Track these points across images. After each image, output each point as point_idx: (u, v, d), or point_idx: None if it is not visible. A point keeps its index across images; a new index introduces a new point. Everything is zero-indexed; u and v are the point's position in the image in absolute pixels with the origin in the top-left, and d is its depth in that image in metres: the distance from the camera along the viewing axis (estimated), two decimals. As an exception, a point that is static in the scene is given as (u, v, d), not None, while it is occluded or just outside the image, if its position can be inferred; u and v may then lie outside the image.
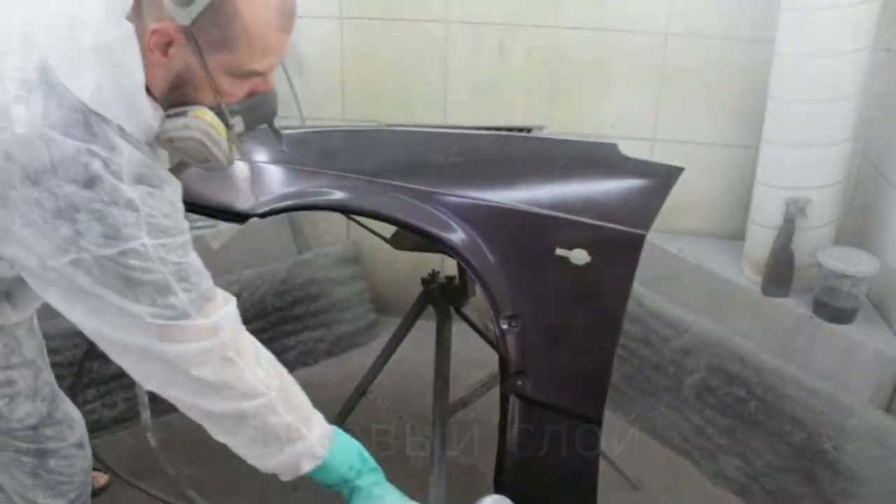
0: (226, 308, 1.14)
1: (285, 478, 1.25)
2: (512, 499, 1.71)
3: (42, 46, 0.97)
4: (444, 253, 1.53)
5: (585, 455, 1.62)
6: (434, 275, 2.13)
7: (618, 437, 2.30)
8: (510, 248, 1.49)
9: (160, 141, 1.08)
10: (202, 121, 1.06)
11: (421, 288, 2.12)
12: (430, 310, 2.13)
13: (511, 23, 2.64)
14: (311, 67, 2.81)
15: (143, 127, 1.03)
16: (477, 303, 1.96)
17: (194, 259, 1.10)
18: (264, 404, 1.17)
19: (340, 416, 2.41)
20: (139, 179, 1.01)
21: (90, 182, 0.96)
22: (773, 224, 2.26)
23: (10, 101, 0.95)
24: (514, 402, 1.57)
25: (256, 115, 1.14)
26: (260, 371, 1.19)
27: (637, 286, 1.51)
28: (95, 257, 0.98)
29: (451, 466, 1.96)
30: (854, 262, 2.11)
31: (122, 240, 0.99)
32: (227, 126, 1.09)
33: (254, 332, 1.24)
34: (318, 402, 2.69)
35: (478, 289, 1.56)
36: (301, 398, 1.29)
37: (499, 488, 1.68)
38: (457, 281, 2.07)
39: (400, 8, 2.70)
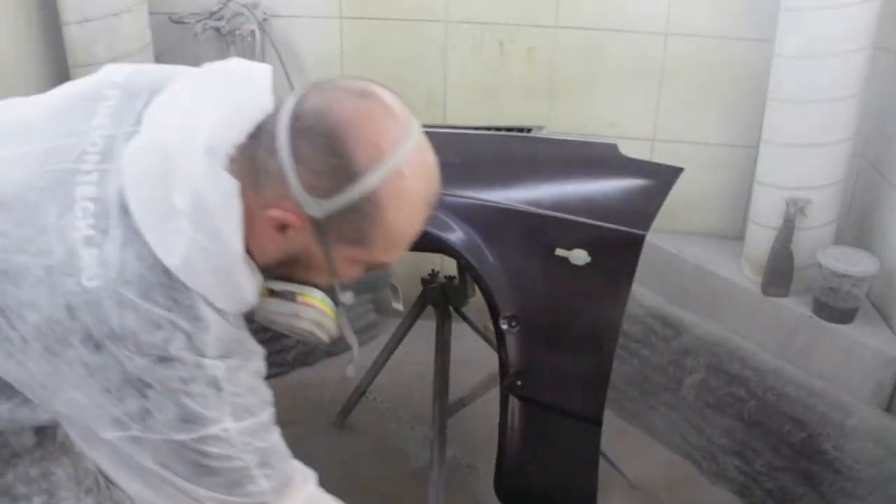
0: (304, 489, 0.97)
1: None
2: (512, 499, 1.71)
3: (123, 176, 0.79)
4: (444, 253, 1.53)
5: (585, 455, 1.63)
6: (434, 275, 2.13)
7: (618, 437, 2.29)
8: (510, 248, 1.50)
9: (257, 318, 0.93)
10: (314, 309, 0.92)
11: (421, 288, 2.12)
12: (430, 310, 2.13)
13: (511, 23, 2.63)
14: (311, 67, 2.81)
15: (236, 302, 0.85)
16: (477, 303, 1.96)
17: (276, 436, 0.92)
18: None
19: (340, 416, 2.41)
20: (226, 355, 0.83)
21: (167, 359, 0.78)
22: (773, 224, 2.26)
23: (80, 241, 0.77)
24: (513, 402, 1.57)
25: (368, 287, 1.00)
26: None
27: (637, 286, 1.51)
28: (166, 441, 0.82)
29: (451, 466, 1.96)
30: (854, 262, 2.11)
31: (201, 424, 0.82)
32: (337, 304, 0.95)
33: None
34: (318, 402, 2.70)
35: (477, 289, 1.56)
36: None
37: (499, 488, 1.69)
38: (456, 281, 2.07)
39: (400, 8, 2.70)
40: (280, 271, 0.90)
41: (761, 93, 2.32)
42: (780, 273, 2.26)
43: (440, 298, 2.09)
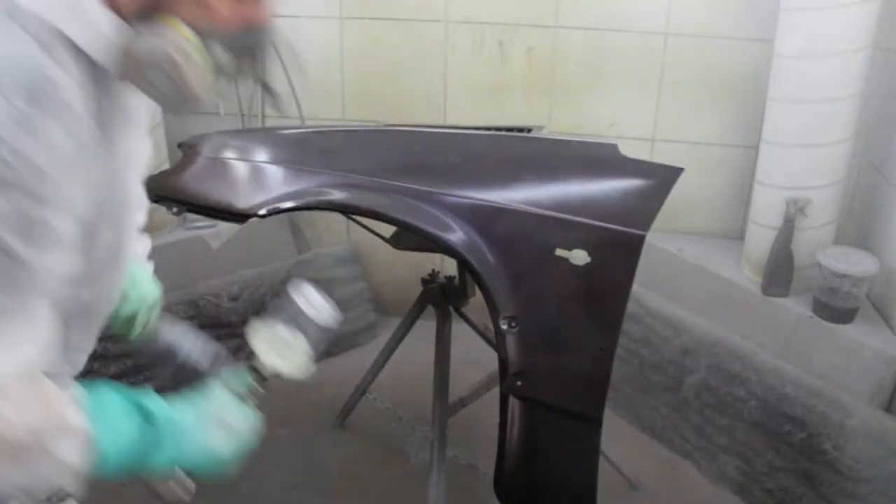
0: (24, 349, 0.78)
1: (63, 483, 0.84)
2: (512, 499, 1.71)
3: None
4: (444, 253, 1.53)
5: (585, 455, 1.62)
6: (434, 275, 2.13)
7: (618, 437, 2.29)
8: (510, 248, 1.49)
9: (125, 71, 0.84)
10: (178, 34, 0.84)
11: (421, 288, 2.12)
12: (430, 310, 2.13)
13: (511, 23, 2.64)
14: (311, 67, 2.81)
15: (95, 36, 0.80)
16: (477, 303, 1.96)
17: (23, 250, 0.74)
18: None
19: (340, 416, 2.41)
20: (31, 95, 0.73)
21: None
22: (773, 224, 2.26)
23: None
24: (513, 402, 1.57)
25: (241, 48, 0.93)
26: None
27: (637, 286, 1.51)
28: None
29: (451, 466, 1.96)
30: (854, 262, 2.11)
31: None
32: (209, 53, 0.87)
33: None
34: (318, 402, 2.70)
35: (478, 289, 1.56)
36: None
37: (499, 488, 1.68)
38: (457, 281, 2.07)
39: (400, 8, 2.70)
40: (145, 15, 0.83)
41: (761, 93, 2.32)
42: (780, 273, 2.26)
43: (440, 298, 2.09)
